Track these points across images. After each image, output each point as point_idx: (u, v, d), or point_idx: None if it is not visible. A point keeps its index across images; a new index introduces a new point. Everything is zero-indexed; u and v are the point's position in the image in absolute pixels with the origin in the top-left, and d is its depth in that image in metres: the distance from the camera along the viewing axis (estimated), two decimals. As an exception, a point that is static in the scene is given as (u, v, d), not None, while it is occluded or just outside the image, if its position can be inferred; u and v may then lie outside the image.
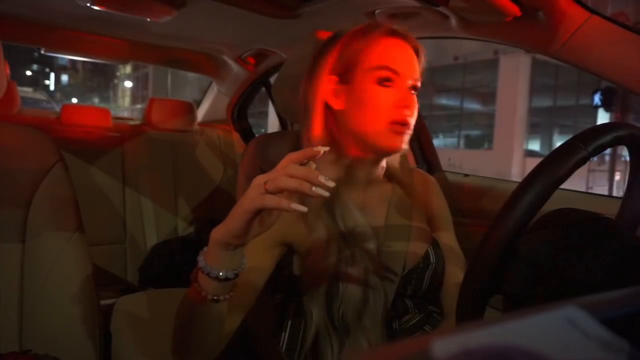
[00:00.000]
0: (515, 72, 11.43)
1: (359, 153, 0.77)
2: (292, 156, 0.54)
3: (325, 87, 0.76)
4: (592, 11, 0.89)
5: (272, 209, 0.53)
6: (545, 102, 13.48)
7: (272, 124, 13.66)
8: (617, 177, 8.52)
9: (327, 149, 0.55)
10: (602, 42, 0.90)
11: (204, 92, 2.55)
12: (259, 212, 0.54)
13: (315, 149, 0.54)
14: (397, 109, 0.72)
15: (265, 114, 14.07)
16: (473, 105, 14.22)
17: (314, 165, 0.56)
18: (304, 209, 0.51)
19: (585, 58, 0.93)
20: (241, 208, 0.53)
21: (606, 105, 5.90)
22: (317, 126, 0.76)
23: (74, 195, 0.85)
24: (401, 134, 0.72)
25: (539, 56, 11.44)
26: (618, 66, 0.89)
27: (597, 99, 5.83)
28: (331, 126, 0.77)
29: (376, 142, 0.73)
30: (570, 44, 0.93)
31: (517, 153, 11.81)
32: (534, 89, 12.05)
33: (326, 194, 0.51)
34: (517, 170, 11.37)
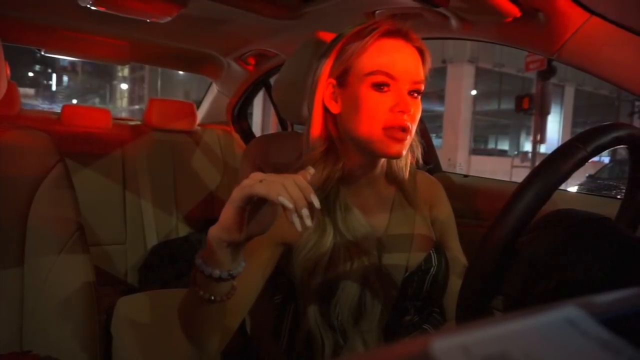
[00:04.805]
0: (460, 79, 12.74)
1: (356, 155, 0.77)
2: (296, 177, 0.55)
3: (324, 90, 0.76)
4: (592, 12, 0.89)
5: (260, 196, 0.53)
6: (494, 106, 15.14)
7: (257, 124, 13.65)
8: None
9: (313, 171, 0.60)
10: (602, 43, 0.89)
11: (187, 94, 2.55)
12: (249, 201, 0.54)
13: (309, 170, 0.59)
14: (393, 114, 0.69)
15: (249, 115, 13.89)
16: (434, 108, 15.45)
17: (312, 170, 0.58)
18: (289, 205, 0.51)
19: (585, 59, 0.93)
20: (232, 197, 0.55)
21: (525, 110, 6.40)
22: (316, 128, 0.77)
23: (74, 195, 0.85)
24: (398, 139, 0.70)
25: (482, 64, 12.87)
26: (618, 67, 0.89)
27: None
28: (330, 129, 0.77)
29: (372, 147, 0.72)
30: (570, 45, 0.93)
31: (462, 152, 13.17)
32: (488, 94, 13.52)
33: (299, 227, 0.52)
34: (463, 167, 12.44)
